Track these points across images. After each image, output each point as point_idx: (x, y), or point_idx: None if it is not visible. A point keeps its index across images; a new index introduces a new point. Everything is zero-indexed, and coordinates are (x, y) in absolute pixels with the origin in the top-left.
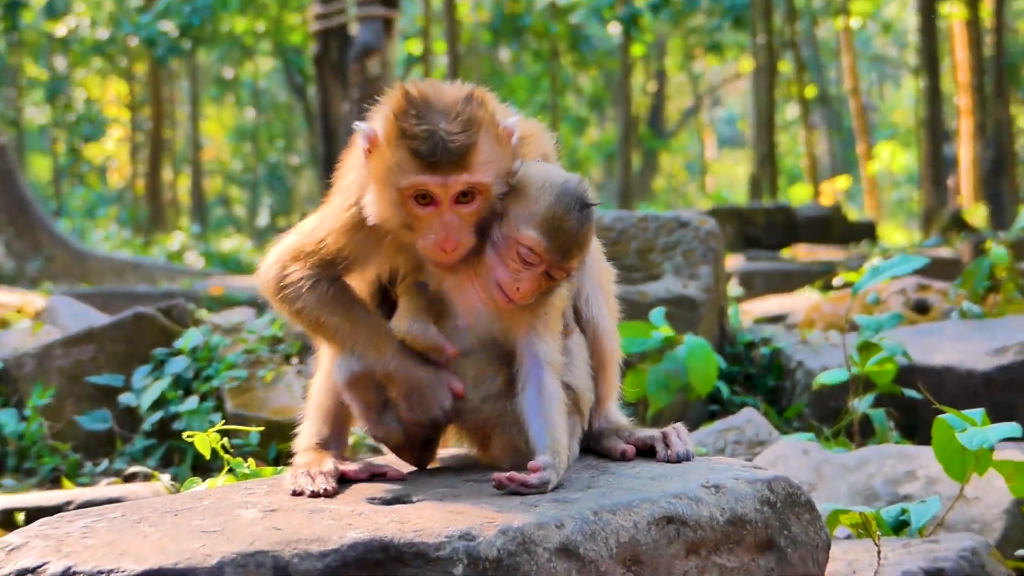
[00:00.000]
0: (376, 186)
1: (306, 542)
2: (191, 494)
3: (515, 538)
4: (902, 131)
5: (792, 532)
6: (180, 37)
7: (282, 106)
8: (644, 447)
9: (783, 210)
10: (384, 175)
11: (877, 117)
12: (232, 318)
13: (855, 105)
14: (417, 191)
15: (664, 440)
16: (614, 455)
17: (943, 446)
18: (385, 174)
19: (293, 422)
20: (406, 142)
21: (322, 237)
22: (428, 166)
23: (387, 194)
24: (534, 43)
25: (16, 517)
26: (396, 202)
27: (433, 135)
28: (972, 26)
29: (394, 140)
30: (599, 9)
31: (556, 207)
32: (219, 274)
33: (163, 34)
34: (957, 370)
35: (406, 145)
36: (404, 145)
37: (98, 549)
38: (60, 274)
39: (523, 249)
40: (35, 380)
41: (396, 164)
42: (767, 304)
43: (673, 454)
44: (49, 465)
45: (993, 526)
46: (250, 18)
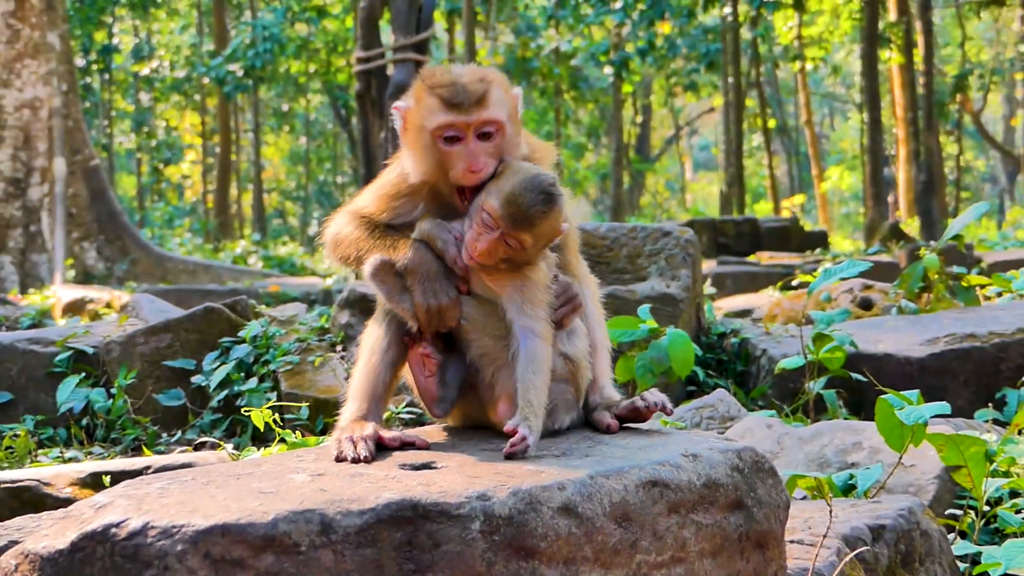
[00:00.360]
0: (411, 144)
1: (347, 501)
2: (250, 461)
3: (524, 498)
4: (849, 156)
5: (758, 494)
6: (245, 76)
7: (329, 134)
8: (631, 411)
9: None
10: (417, 128)
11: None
12: (286, 312)
13: (809, 135)
14: (445, 129)
15: (642, 398)
16: (600, 428)
17: (884, 421)
18: (418, 126)
19: (337, 400)
20: (433, 92)
21: (368, 203)
22: (452, 107)
23: (421, 142)
24: (541, 82)
25: (104, 480)
26: (428, 145)
27: (455, 83)
28: (907, 69)
29: (423, 96)
30: (596, 54)
31: (518, 187)
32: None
33: (231, 74)
34: (896, 357)
35: (433, 94)
36: (431, 95)
37: (172, 507)
38: (143, 275)
39: (484, 215)
40: (121, 363)
41: (426, 112)
42: (736, 301)
43: (652, 403)
44: (131, 436)
45: (927, 489)
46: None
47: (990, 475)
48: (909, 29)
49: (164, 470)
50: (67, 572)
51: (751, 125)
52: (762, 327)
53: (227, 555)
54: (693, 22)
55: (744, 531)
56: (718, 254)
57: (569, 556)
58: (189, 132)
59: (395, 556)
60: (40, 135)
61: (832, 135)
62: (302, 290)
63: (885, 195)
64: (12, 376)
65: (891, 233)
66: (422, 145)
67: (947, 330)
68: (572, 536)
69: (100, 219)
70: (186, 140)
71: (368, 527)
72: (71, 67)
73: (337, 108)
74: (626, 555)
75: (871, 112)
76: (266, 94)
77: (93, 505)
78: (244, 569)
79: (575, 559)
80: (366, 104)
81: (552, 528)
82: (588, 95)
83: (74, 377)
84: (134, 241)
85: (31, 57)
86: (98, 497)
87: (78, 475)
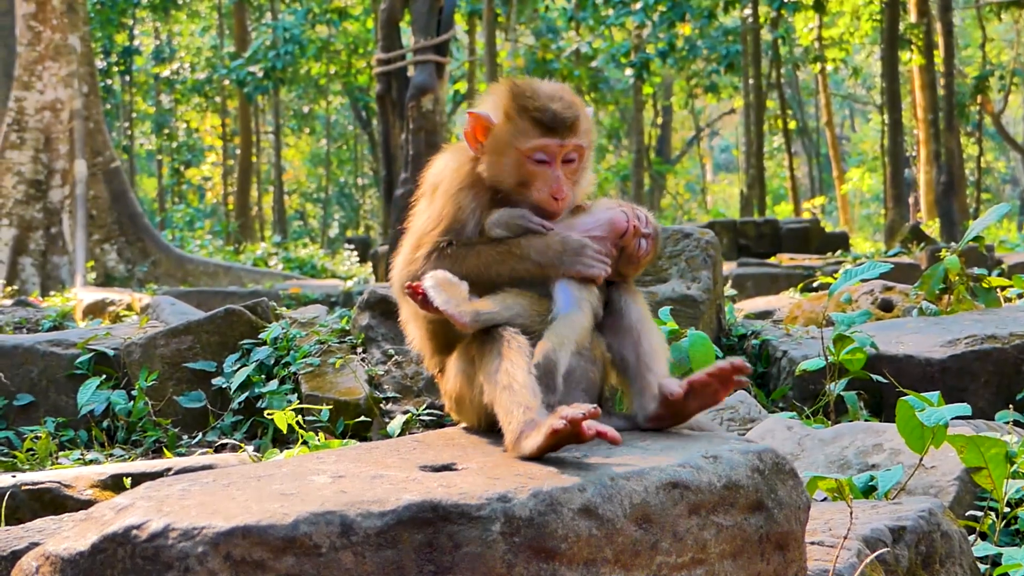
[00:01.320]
0: (494, 154)
1: (368, 503)
2: (271, 462)
3: (544, 500)
4: (869, 158)
5: (778, 495)
6: (265, 78)
7: (350, 136)
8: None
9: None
10: (505, 143)
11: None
12: (307, 314)
13: (830, 136)
14: (537, 152)
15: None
16: (667, 392)
17: (905, 423)
18: (506, 141)
19: (357, 402)
20: (528, 112)
21: (431, 218)
22: (548, 131)
23: (507, 156)
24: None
25: (124, 481)
26: (516, 162)
27: (550, 107)
28: (927, 71)
29: (514, 114)
30: (616, 56)
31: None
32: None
33: (251, 76)
34: (917, 359)
35: (528, 116)
36: (526, 116)
37: (192, 509)
38: (163, 276)
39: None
40: (142, 365)
41: (518, 131)
42: (756, 303)
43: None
44: (152, 437)
45: (947, 490)
46: (324, 63)
47: (1011, 476)
48: (929, 30)
49: (185, 472)
50: (88, 574)
51: (771, 127)
52: (782, 329)
53: (248, 557)
54: (713, 23)
55: (764, 532)
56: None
57: (589, 558)
58: (210, 134)
59: (415, 558)
60: (61, 137)
61: (852, 137)
62: (322, 292)
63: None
64: (33, 378)
65: (911, 235)
66: (506, 160)
67: (968, 331)
68: (592, 537)
69: (121, 221)
70: (207, 142)
71: (388, 529)
72: (92, 69)
73: (357, 110)
74: (646, 557)
75: (891, 114)
76: (286, 96)
77: (114, 507)
78: (265, 571)
79: (595, 561)
80: (386, 106)
81: (572, 530)
82: (609, 97)
83: (95, 379)
84: (155, 243)
85: (52, 59)
86: (119, 499)
87: (99, 477)
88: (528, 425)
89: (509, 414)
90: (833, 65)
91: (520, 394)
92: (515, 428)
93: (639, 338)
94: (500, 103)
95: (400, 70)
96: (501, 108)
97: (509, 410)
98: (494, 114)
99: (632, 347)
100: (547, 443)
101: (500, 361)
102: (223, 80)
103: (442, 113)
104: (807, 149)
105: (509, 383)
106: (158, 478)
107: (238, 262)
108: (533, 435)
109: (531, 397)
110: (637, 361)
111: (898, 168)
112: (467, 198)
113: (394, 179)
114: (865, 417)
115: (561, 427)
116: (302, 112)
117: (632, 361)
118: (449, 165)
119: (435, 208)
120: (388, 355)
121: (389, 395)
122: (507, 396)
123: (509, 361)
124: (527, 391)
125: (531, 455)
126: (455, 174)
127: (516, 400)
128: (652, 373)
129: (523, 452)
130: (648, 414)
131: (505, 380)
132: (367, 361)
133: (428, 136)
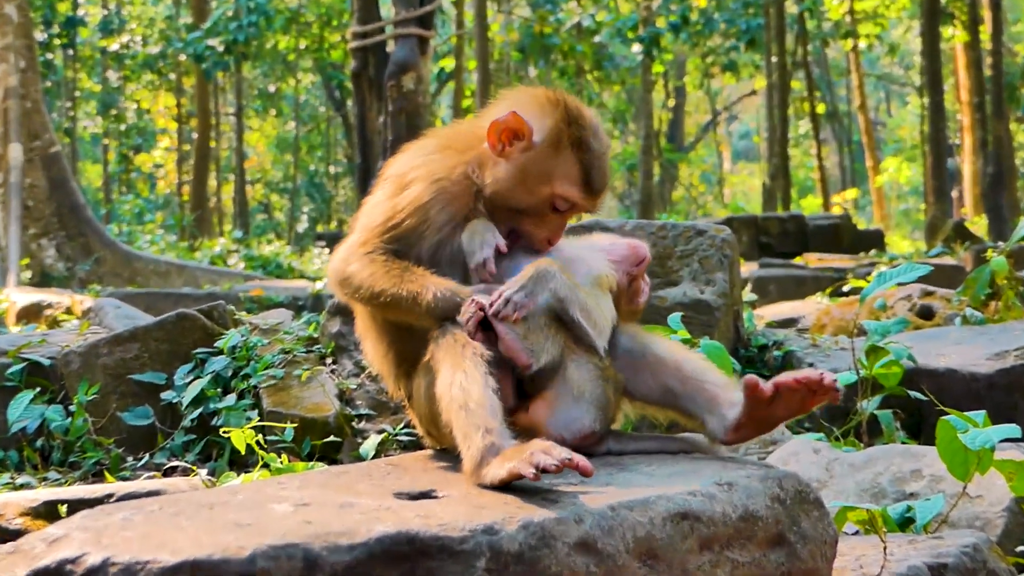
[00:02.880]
0: (516, 172)
1: (335, 535)
2: (227, 488)
3: (536, 532)
4: (908, 146)
5: (802, 528)
6: (226, 53)
7: (322, 118)
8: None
9: (795, 219)
10: (539, 172)
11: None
12: (270, 319)
13: (863, 121)
14: (567, 203)
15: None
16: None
17: (946, 446)
18: (542, 172)
19: (326, 420)
20: (580, 157)
21: (393, 217)
22: (589, 189)
23: (532, 185)
24: (561, 61)
25: (59, 509)
26: (537, 198)
27: (602, 164)
28: (972, 48)
29: (566, 147)
30: (622, 30)
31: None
32: (259, 277)
33: (210, 50)
34: (960, 373)
35: (579, 160)
36: (577, 159)
37: (135, 541)
38: (108, 276)
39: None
40: (81, 377)
41: (562, 173)
42: (780, 309)
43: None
44: (92, 459)
45: (994, 523)
46: (293, 36)
47: None
48: (975, 3)
49: (128, 498)
50: None
51: (797, 110)
52: (808, 338)
53: None
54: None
55: (786, 570)
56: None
57: None
58: (163, 115)
59: None
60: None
61: (889, 122)
62: (288, 295)
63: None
64: None
65: (955, 232)
66: (528, 187)
67: (1018, 342)
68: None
69: (61, 213)
70: (159, 124)
71: (358, 564)
72: (30, 42)
73: (330, 89)
74: None
75: (932, 96)
76: (250, 73)
77: (46, 538)
78: None
79: None
80: (363, 84)
81: (568, 566)
82: (614, 76)
83: (28, 392)
84: (99, 238)
85: None
86: (52, 529)
87: (30, 504)
88: (489, 451)
89: (467, 438)
90: (867, 41)
91: (477, 414)
92: (474, 454)
93: (679, 364)
94: (549, 123)
95: (378, 45)
96: (549, 129)
97: (466, 433)
98: (538, 128)
99: (673, 375)
100: (510, 480)
101: (454, 373)
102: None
103: (425, 93)
104: (837, 136)
105: (464, 401)
106: (98, 505)
107: (193, 260)
108: (495, 464)
109: (490, 417)
110: (684, 384)
111: (940, 158)
112: (440, 212)
113: (370, 167)
114: (902, 439)
115: (528, 475)
116: (267, 91)
117: (678, 387)
118: (432, 164)
119: (396, 206)
120: (361, 367)
121: (362, 412)
122: (463, 417)
123: (463, 373)
124: (484, 410)
125: (492, 486)
126: (436, 180)
127: (473, 421)
128: (712, 384)
129: (483, 482)
130: (728, 424)
131: (460, 397)
132: (338, 373)
133: (409, 119)
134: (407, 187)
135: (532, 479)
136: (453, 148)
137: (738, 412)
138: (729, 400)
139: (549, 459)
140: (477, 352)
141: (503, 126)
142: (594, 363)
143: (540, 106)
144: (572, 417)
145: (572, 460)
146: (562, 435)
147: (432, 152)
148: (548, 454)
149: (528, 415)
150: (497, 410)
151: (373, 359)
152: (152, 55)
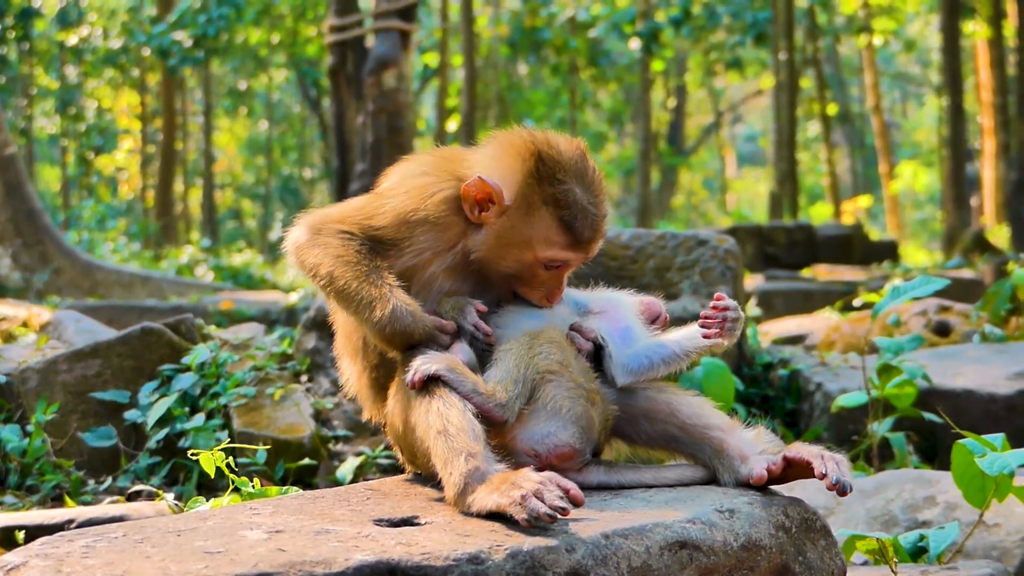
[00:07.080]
0: (497, 239)
1: (311, 564)
2: (195, 514)
3: (524, 562)
4: (925, 150)
5: (808, 558)
6: (194, 47)
7: (296, 118)
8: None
9: (804, 229)
10: (519, 239)
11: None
12: (241, 334)
13: (877, 123)
14: (555, 261)
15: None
16: (742, 476)
17: (962, 471)
18: (522, 239)
19: (301, 442)
20: (558, 214)
21: (376, 216)
22: (576, 244)
23: (516, 251)
24: (553, 57)
25: (16, 536)
26: (521, 262)
27: (585, 214)
28: (995, 45)
29: (540, 206)
30: (619, 24)
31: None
32: (229, 289)
33: (176, 44)
34: (978, 394)
35: (558, 219)
36: (554, 218)
37: (98, 570)
38: (67, 287)
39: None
40: (39, 395)
41: (542, 238)
42: (786, 324)
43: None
44: (52, 482)
45: (1013, 553)
46: (265, 29)
47: None
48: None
49: (90, 524)
50: None
51: (807, 111)
52: (817, 356)
53: None
54: None
55: None
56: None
57: None
58: (125, 115)
59: None
60: None
61: (904, 124)
62: (260, 308)
63: (968, 197)
64: None
65: (974, 243)
66: (513, 253)
67: None
68: None
69: (16, 219)
70: (122, 124)
71: None
72: None
73: (305, 87)
74: None
75: (952, 97)
76: (219, 69)
77: (3, 566)
78: None
79: None
80: (340, 82)
81: None
82: (610, 74)
83: None
84: (57, 247)
85: None
86: (9, 556)
87: None
88: (473, 476)
89: (448, 464)
90: (882, 37)
91: (458, 439)
92: (457, 481)
93: (672, 409)
94: (518, 178)
95: (357, 39)
96: (519, 185)
97: (447, 459)
98: (508, 187)
99: (669, 421)
100: (497, 511)
101: (430, 400)
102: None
103: (407, 91)
104: (849, 139)
105: (443, 427)
106: (58, 532)
107: (158, 270)
108: (481, 492)
109: (472, 441)
110: (684, 431)
111: (959, 163)
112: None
113: (348, 170)
114: (915, 464)
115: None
116: (238, 89)
117: (678, 434)
118: (430, 192)
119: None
120: (339, 385)
121: (339, 433)
122: (442, 443)
123: (440, 399)
124: (466, 435)
125: (479, 514)
126: (430, 205)
127: (453, 447)
128: (714, 429)
129: (470, 509)
130: (739, 479)
131: (438, 423)
132: (313, 392)
133: (390, 119)
134: (394, 199)
135: (525, 526)
136: (453, 175)
137: (749, 472)
138: (737, 448)
139: (543, 507)
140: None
141: (473, 193)
142: (576, 382)
143: (511, 160)
144: (546, 431)
145: (567, 511)
146: (535, 449)
147: (428, 173)
148: (541, 498)
149: (500, 428)
150: (479, 434)
151: (350, 379)
152: (114, 50)
